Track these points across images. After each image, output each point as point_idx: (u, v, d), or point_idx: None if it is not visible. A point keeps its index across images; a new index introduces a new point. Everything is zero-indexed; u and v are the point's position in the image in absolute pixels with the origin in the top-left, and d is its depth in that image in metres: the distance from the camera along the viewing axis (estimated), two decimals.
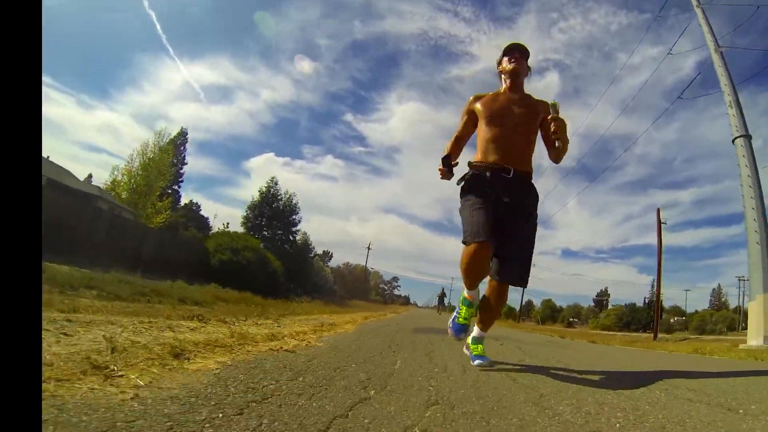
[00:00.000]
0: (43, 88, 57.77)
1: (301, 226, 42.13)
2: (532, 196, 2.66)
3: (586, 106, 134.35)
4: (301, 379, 1.71)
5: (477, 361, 2.61)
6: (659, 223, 22.05)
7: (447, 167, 2.59)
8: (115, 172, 27.47)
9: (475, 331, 2.82)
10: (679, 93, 17.53)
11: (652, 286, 63.70)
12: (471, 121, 2.82)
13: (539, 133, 2.72)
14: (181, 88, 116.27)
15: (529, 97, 2.76)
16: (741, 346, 9.40)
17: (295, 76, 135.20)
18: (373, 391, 1.59)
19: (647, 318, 48.57)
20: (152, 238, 17.32)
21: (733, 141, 12.43)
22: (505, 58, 2.79)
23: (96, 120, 79.30)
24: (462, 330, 2.84)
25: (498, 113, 2.67)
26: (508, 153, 2.59)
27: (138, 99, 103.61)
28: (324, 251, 57.47)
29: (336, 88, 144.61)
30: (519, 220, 2.58)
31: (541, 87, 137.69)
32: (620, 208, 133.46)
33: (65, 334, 2.11)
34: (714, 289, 72.10)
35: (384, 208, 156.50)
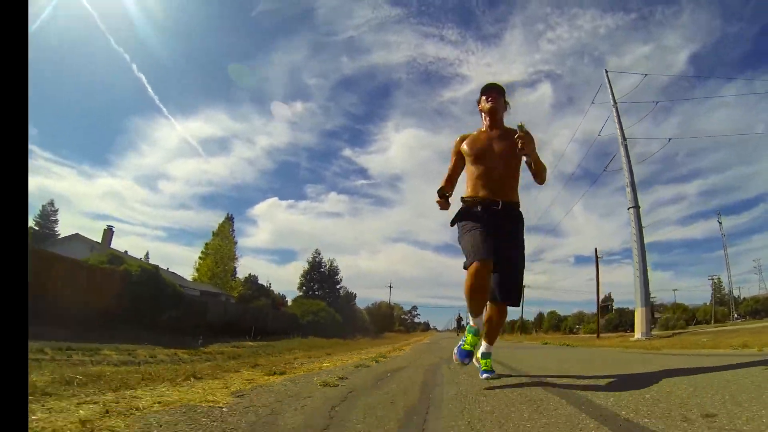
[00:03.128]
0: (44, 163, 60.24)
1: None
2: (520, 224, 2.92)
3: (582, 112, 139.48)
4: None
5: (485, 375, 2.94)
6: (597, 258, 30.08)
7: (443, 198, 2.91)
8: (196, 264, 36.72)
9: (483, 346, 3.07)
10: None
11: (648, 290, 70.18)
12: (459, 160, 3.07)
13: (523, 162, 2.96)
14: (178, 146, 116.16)
15: (508, 131, 2.93)
16: (630, 339, 17.08)
17: (289, 119, 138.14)
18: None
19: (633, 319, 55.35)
20: (265, 314, 25.34)
21: (628, 209, 20.43)
22: (483, 98, 3.01)
23: (99, 188, 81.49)
24: (467, 355, 2.94)
25: (481, 152, 2.90)
26: (495, 187, 2.83)
27: (138, 162, 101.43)
28: (347, 293, 65.53)
29: (331, 126, 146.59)
30: (510, 246, 2.79)
31: (534, 99, 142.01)
32: (626, 208, 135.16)
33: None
34: (714, 282, 68.45)
35: (393, 237, 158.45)
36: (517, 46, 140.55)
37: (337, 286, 43.37)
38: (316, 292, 40.28)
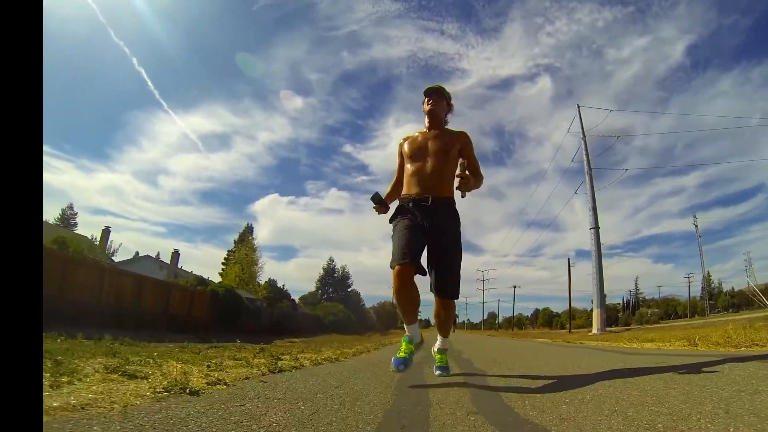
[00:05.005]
0: (43, 157, 63.95)
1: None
2: (452, 218, 2.95)
3: (582, 104, 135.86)
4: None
5: (438, 372, 3.03)
6: (569, 268, 35.22)
7: (378, 203, 3.08)
8: (222, 270, 41.80)
9: (439, 341, 3.18)
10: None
11: (636, 285, 74.37)
12: (403, 161, 3.16)
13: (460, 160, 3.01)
14: (178, 141, 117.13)
15: (446, 131, 3.10)
16: (589, 333, 22.00)
17: (291, 114, 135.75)
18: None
19: (617, 314, 60.73)
20: (296, 316, 30.49)
21: (590, 229, 25.34)
22: (425, 100, 3.13)
23: (98, 183, 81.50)
24: (401, 362, 2.76)
25: (416, 150, 3.01)
26: (427, 184, 2.90)
27: (137, 156, 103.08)
28: (356, 294, 71.01)
29: (332, 121, 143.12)
30: (443, 241, 2.86)
31: (534, 93, 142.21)
32: (627, 201, 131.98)
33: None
34: (704, 276, 70.01)
35: None
36: (517, 39, 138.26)
37: (348, 290, 49.38)
38: (331, 295, 46.15)
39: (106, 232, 33.34)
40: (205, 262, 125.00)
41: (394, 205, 3.09)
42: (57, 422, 1.42)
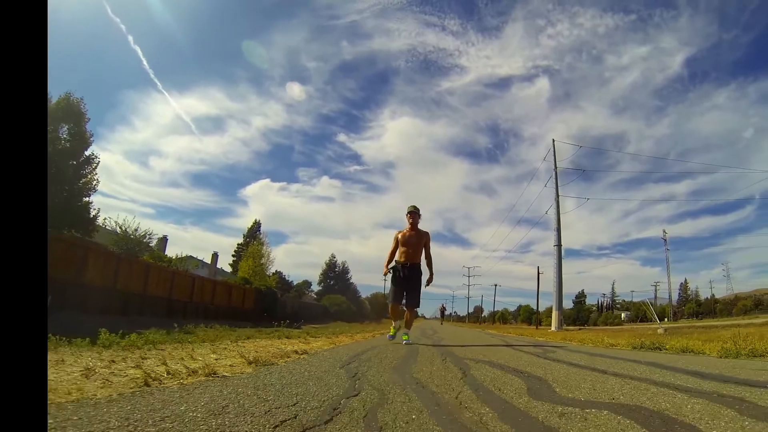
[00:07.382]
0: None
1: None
2: (420, 273, 6.46)
3: (578, 108, 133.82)
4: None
5: (404, 342, 6.31)
6: (538, 274, 40.68)
7: (387, 270, 6.58)
8: (236, 265, 46.52)
9: (405, 331, 6.61)
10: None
11: (613, 289, 79.83)
12: (395, 244, 6.54)
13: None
14: (172, 122, 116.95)
15: (419, 230, 6.53)
16: (548, 330, 27.30)
17: (286, 101, 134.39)
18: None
19: (589, 314, 66.50)
20: (308, 306, 35.77)
21: (554, 246, 30.58)
22: (408, 215, 6.55)
23: None
24: (392, 337, 6.78)
25: (405, 240, 6.45)
26: (409, 257, 6.38)
27: (129, 136, 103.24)
28: (353, 286, 76.12)
29: (328, 110, 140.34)
30: (413, 283, 6.41)
31: (532, 93, 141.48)
32: (618, 204, 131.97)
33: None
34: (681, 283, 76.72)
35: (384, 224, 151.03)
36: (518, 39, 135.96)
37: (348, 282, 55.38)
38: (334, 287, 51.69)
39: (163, 240, 37.31)
40: (195, 245, 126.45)
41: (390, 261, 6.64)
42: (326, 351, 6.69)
